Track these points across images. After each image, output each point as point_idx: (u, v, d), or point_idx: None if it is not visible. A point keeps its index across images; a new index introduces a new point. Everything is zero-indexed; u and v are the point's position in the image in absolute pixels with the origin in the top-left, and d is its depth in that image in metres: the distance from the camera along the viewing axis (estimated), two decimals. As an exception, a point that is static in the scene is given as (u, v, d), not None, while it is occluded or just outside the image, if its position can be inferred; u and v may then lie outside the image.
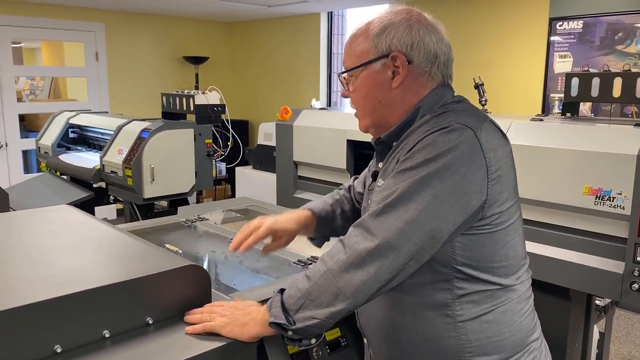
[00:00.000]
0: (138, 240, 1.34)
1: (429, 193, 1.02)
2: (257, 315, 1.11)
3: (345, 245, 1.05)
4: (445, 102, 1.16)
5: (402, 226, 1.01)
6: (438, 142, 1.04)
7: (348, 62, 1.20)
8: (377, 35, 1.15)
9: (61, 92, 7.17)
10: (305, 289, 1.06)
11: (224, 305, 1.16)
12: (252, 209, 2.17)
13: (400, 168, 1.06)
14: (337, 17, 5.94)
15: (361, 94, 1.20)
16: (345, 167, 2.72)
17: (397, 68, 1.15)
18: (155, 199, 3.17)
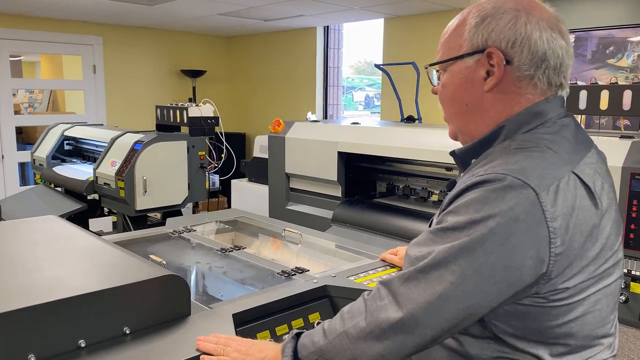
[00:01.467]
0: (120, 250, 1.35)
1: (470, 265, 0.85)
2: (272, 348, 1.06)
3: (367, 308, 0.93)
4: (543, 123, 0.95)
5: (432, 300, 0.86)
6: (489, 200, 0.85)
7: (439, 53, 1.06)
8: (475, 26, 0.98)
9: (60, 105, 7.21)
10: (320, 345, 0.97)
11: (240, 340, 1.10)
12: (241, 221, 2.18)
13: (440, 225, 0.90)
14: (334, 32, 5.99)
15: (448, 92, 1.05)
16: (336, 179, 2.73)
17: (492, 67, 0.96)
18: (147, 210, 3.17)
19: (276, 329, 1.27)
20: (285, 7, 4.63)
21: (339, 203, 2.75)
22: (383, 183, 2.90)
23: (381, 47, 5.34)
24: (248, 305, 1.26)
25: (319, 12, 4.87)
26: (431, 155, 2.34)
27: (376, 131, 2.67)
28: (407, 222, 2.45)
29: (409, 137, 2.48)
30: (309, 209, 2.92)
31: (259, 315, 1.26)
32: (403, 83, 4.50)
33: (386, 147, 2.49)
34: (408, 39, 5.08)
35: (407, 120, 4.17)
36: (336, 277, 1.46)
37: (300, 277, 1.48)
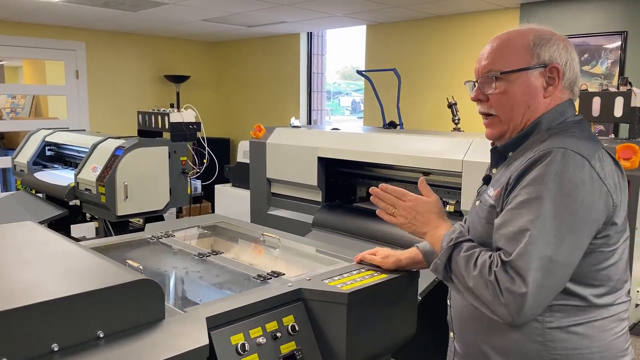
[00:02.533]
0: (95, 255, 1.36)
1: (565, 226, 1.07)
2: (433, 234, 1.30)
3: (500, 282, 1.08)
4: (565, 120, 1.24)
5: (548, 265, 1.07)
6: (558, 170, 1.09)
7: (499, 64, 1.25)
8: (539, 46, 1.23)
9: (42, 110, 7.16)
10: (463, 277, 1.16)
11: (406, 204, 1.35)
12: (220, 226, 2.19)
13: (523, 198, 1.11)
14: (317, 38, 6.04)
15: (511, 97, 1.25)
16: (317, 184, 2.76)
17: (551, 79, 1.23)
18: (128, 216, 3.17)
19: (250, 331, 1.29)
20: (268, 13, 4.67)
21: (319, 208, 2.78)
22: (363, 188, 2.94)
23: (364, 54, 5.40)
24: (222, 309, 1.28)
25: (302, 19, 4.91)
26: (408, 160, 2.38)
27: (355, 137, 2.71)
28: (385, 227, 2.49)
29: (388, 142, 2.52)
30: (290, 214, 2.95)
31: (233, 319, 1.28)
32: (385, 89, 4.55)
33: (365, 152, 2.53)
34: (390, 46, 5.15)
35: (389, 126, 4.21)
36: (311, 281, 1.48)
37: (275, 281, 1.50)
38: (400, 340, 1.61)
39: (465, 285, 1.15)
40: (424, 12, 4.55)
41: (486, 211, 1.24)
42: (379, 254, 1.59)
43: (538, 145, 1.18)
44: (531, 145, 1.21)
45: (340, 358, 1.40)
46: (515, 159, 1.24)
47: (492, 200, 1.22)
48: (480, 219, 1.26)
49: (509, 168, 1.23)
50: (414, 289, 1.63)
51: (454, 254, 1.19)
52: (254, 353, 1.27)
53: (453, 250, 1.20)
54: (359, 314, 1.43)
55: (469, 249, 1.19)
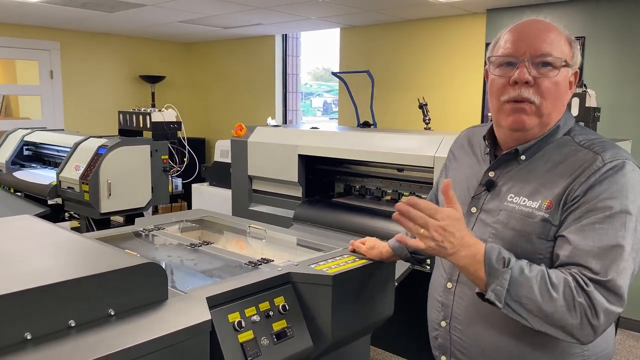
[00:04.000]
0: (101, 243, 1.46)
1: (638, 239, 1.07)
2: (467, 256, 1.09)
3: (596, 304, 1.03)
4: (572, 125, 1.23)
5: (630, 281, 1.07)
6: (631, 185, 1.08)
7: (557, 52, 1.16)
8: (575, 47, 1.21)
9: (13, 110, 7.07)
10: (536, 301, 1.05)
11: (439, 224, 1.08)
12: (207, 219, 2.30)
13: (605, 213, 1.07)
14: (292, 40, 6.16)
15: (559, 90, 1.18)
16: (297, 181, 2.89)
17: (571, 83, 1.21)
18: (111, 213, 3.24)
19: (245, 310, 1.42)
20: (243, 16, 4.77)
21: (300, 203, 2.91)
22: (341, 184, 3.08)
23: (338, 56, 5.55)
24: (220, 290, 1.40)
25: (277, 21, 5.03)
26: (383, 157, 2.53)
27: (334, 135, 2.85)
28: (363, 219, 2.64)
29: (364, 140, 2.67)
30: (271, 209, 3.07)
31: (230, 299, 1.40)
32: (359, 90, 4.70)
33: (343, 149, 2.67)
34: (363, 48, 5.31)
35: (363, 126, 4.37)
36: (298, 266, 1.61)
37: (265, 267, 1.63)
38: (380, 320, 1.75)
39: (533, 311, 1.04)
40: (395, 16, 4.73)
41: (536, 225, 1.14)
42: (367, 244, 1.72)
43: (578, 151, 1.15)
44: (556, 150, 1.18)
45: (326, 335, 1.53)
46: (537, 163, 1.19)
47: (543, 213, 1.13)
48: (524, 234, 1.15)
49: (535, 173, 1.18)
50: (391, 274, 1.78)
51: (516, 277, 1.06)
52: (249, 330, 1.39)
53: (512, 272, 1.07)
54: (343, 295, 1.57)
55: (530, 266, 1.08)
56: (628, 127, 3.76)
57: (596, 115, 2.33)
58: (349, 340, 1.69)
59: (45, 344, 1.10)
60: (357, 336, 1.72)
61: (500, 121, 1.24)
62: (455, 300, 1.29)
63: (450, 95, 4.66)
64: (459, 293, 1.29)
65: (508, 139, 1.26)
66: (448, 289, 1.32)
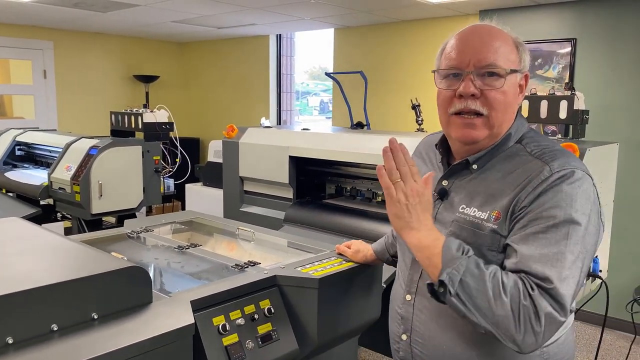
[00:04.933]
0: (86, 246, 1.46)
1: (585, 249, 1.06)
2: (428, 236, 1.09)
3: (539, 309, 1.00)
4: (525, 132, 1.20)
5: (575, 289, 1.04)
6: (577, 194, 1.06)
7: (502, 61, 1.14)
8: (522, 50, 1.18)
9: (6, 109, 7.05)
10: (487, 297, 1.02)
11: (415, 185, 1.10)
12: (196, 221, 2.31)
13: (550, 222, 1.04)
14: (286, 40, 6.16)
15: (506, 99, 1.15)
16: (288, 182, 2.89)
17: (521, 87, 1.19)
18: (103, 214, 3.24)
19: (230, 313, 1.42)
20: (237, 16, 4.77)
21: (291, 204, 2.92)
22: (332, 185, 3.09)
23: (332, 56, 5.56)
24: (205, 293, 1.40)
25: (271, 21, 5.03)
26: (373, 158, 2.53)
27: (324, 137, 2.85)
28: (353, 221, 2.64)
29: (354, 142, 2.68)
30: (262, 211, 3.07)
31: (215, 302, 1.41)
32: (353, 91, 4.71)
33: (333, 151, 2.68)
34: (357, 49, 5.32)
35: (356, 126, 4.38)
36: (285, 268, 1.62)
37: (252, 269, 1.64)
38: (366, 323, 1.76)
39: (481, 306, 1.02)
40: (389, 17, 4.74)
41: (486, 237, 1.12)
42: (352, 248, 1.73)
43: (528, 161, 1.13)
44: (507, 159, 1.16)
45: (312, 337, 1.54)
46: (489, 173, 1.17)
47: (491, 224, 1.12)
48: (474, 245, 1.12)
49: (486, 184, 1.16)
50: (378, 277, 1.79)
51: (472, 267, 1.04)
52: (233, 333, 1.40)
53: (469, 262, 1.05)
54: (329, 298, 1.57)
55: (486, 264, 1.07)
56: (617, 128, 3.77)
57: (585, 117, 2.34)
58: (336, 343, 1.70)
59: (26, 349, 1.10)
60: (343, 339, 1.72)
61: (450, 133, 1.23)
62: (415, 313, 1.27)
63: (443, 96, 4.67)
64: (418, 305, 1.27)
65: (460, 149, 1.25)
66: (407, 301, 1.30)
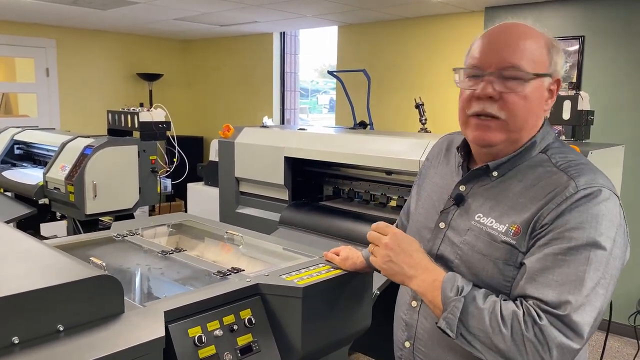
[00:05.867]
0: (57, 252, 1.40)
1: (609, 275, 0.99)
2: (425, 280, 1.07)
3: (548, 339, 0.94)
4: (550, 141, 1.14)
5: (596, 316, 0.98)
6: (603, 216, 0.99)
7: (525, 63, 1.07)
8: (555, 53, 1.10)
9: (13, 107, 7.07)
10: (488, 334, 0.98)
11: (386, 239, 1.13)
12: (186, 224, 2.24)
13: (571, 244, 0.98)
14: (290, 37, 6.10)
15: (529, 104, 1.08)
16: (283, 183, 2.83)
17: (551, 92, 1.12)
18: (97, 215, 3.20)
19: (208, 324, 1.35)
20: (239, 13, 4.71)
21: (286, 206, 2.85)
22: (330, 186, 3.01)
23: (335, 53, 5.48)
24: (180, 303, 1.34)
25: (273, 19, 4.96)
26: (369, 160, 2.46)
27: (321, 137, 2.78)
28: (350, 224, 2.57)
29: (351, 143, 2.60)
30: (258, 212, 3.01)
31: (191, 312, 1.34)
32: (357, 89, 4.64)
33: (329, 152, 2.61)
34: (361, 47, 5.24)
35: (359, 126, 4.30)
36: (269, 276, 1.55)
37: (235, 277, 1.57)
38: (355, 333, 1.69)
39: (486, 343, 0.98)
40: (393, 14, 4.65)
41: (501, 250, 1.07)
42: (341, 255, 1.66)
43: (552, 174, 1.06)
44: (531, 170, 1.09)
45: (296, 349, 1.47)
46: (510, 183, 1.10)
47: (509, 238, 1.06)
48: (491, 259, 1.07)
49: (506, 194, 1.09)
50: (368, 284, 1.71)
51: (469, 307, 1.00)
52: (210, 345, 1.33)
53: (465, 301, 1.01)
54: (314, 307, 1.50)
55: (485, 297, 1.02)
56: (626, 130, 3.66)
57: (589, 118, 2.25)
58: (322, 354, 1.63)
59: (-16, 363, 1.05)
60: (330, 349, 1.65)
61: (467, 134, 1.17)
62: (419, 320, 1.23)
63: (447, 95, 4.58)
64: (423, 312, 1.22)
65: (480, 153, 1.18)
66: (413, 307, 1.26)
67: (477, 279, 1.09)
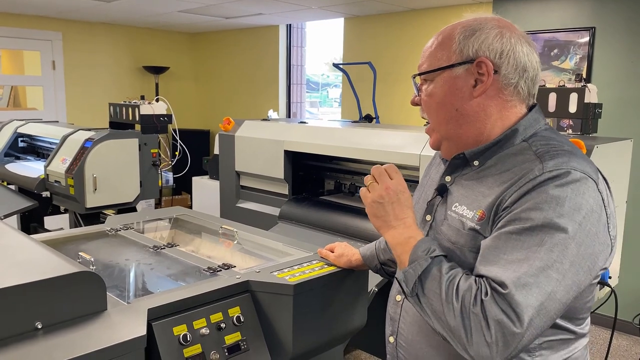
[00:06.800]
0: (41, 247, 1.37)
1: (568, 260, 0.92)
2: (402, 234, 1.07)
3: (489, 315, 0.90)
4: (539, 129, 1.08)
5: (544, 301, 0.91)
6: (567, 198, 0.93)
7: (425, 64, 1.13)
8: (465, 39, 1.07)
9: (21, 101, 7.09)
10: (441, 300, 0.96)
11: (391, 182, 1.11)
12: (182, 218, 2.21)
13: (526, 224, 0.93)
14: (296, 30, 6.03)
15: (436, 100, 1.10)
16: (283, 177, 2.78)
17: (481, 76, 1.06)
18: (98, 208, 3.18)
19: (194, 322, 1.31)
20: (243, 5, 4.66)
21: (286, 201, 2.81)
22: (331, 181, 2.97)
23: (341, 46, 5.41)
24: (165, 300, 1.30)
25: (278, 10, 4.90)
26: (369, 154, 2.41)
27: (322, 131, 2.73)
28: (350, 219, 2.52)
29: (351, 137, 2.55)
30: (258, 207, 2.97)
31: (176, 310, 1.30)
32: (364, 82, 4.57)
33: (328, 146, 2.56)
34: (367, 39, 5.16)
35: (364, 119, 4.24)
36: (260, 273, 1.51)
37: (225, 273, 1.53)
38: (349, 332, 1.64)
39: (436, 310, 0.96)
40: (400, 5, 4.57)
41: (466, 236, 1.04)
42: (336, 251, 1.62)
43: (527, 160, 1.01)
44: (510, 158, 1.04)
45: (286, 348, 1.43)
46: (488, 171, 1.07)
47: (474, 223, 1.03)
48: (457, 246, 1.06)
49: (483, 182, 1.06)
50: (363, 282, 1.66)
51: (432, 269, 0.99)
52: (196, 344, 1.29)
53: (431, 263, 1.00)
54: (305, 305, 1.46)
55: (451, 268, 0.99)
56: (634, 122, 3.56)
57: (597, 111, 2.18)
58: (314, 353, 1.58)
59: (-43, 362, 1.02)
60: (324, 349, 1.61)
61: None
62: (402, 314, 1.21)
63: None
64: (405, 307, 1.20)
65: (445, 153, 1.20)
66: (397, 301, 1.23)
67: None
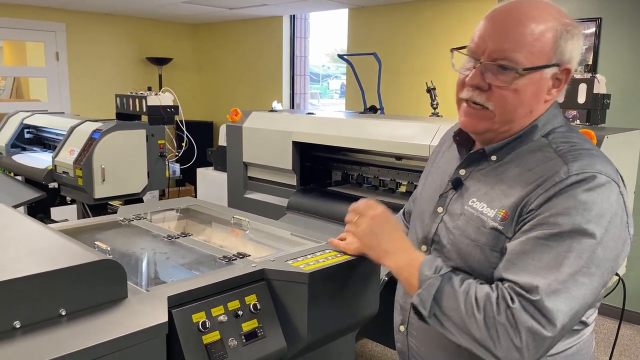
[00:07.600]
0: (60, 236, 1.39)
1: (595, 264, 0.93)
2: (403, 258, 1.09)
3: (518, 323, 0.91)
4: (557, 125, 1.07)
5: (574, 306, 0.92)
6: (594, 203, 0.93)
7: (518, 54, 1.01)
8: (565, 41, 1.02)
9: (24, 92, 7.09)
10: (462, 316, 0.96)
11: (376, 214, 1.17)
12: (192, 209, 2.23)
13: (554, 230, 0.93)
14: (300, 20, 6.02)
15: (520, 98, 1.03)
16: (291, 168, 2.80)
17: (557, 81, 1.04)
18: (106, 199, 3.20)
19: (212, 310, 1.34)
20: (248, -4, 4.65)
21: (294, 191, 2.83)
22: (338, 172, 2.98)
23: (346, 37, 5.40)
24: (184, 288, 1.32)
25: (282, 1, 4.89)
26: (379, 145, 2.42)
27: (329, 122, 2.74)
28: (358, 210, 2.54)
29: (360, 127, 2.56)
30: (266, 197, 2.99)
31: (195, 298, 1.32)
32: (368, 73, 4.57)
33: (337, 137, 2.57)
34: (372, 30, 5.16)
35: (369, 110, 4.25)
36: (275, 262, 1.53)
37: (240, 262, 1.55)
38: (362, 319, 1.66)
39: (459, 325, 0.96)
40: (404, -4, 4.56)
41: (488, 235, 1.04)
42: (348, 239, 1.64)
43: (549, 159, 1.01)
44: (530, 154, 1.04)
45: (301, 335, 1.45)
46: (507, 167, 1.06)
47: (496, 223, 1.03)
48: (478, 244, 1.05)
49: (502, 179, 1.05)
50: (375, 270, 1.68)
51: (445, 286, 0.99)
52: (215, 330, 1.32)
53: (442, 281, 1.00)
54: (320, 293, 1.48)
55: (462, 280, 1.00)
56: (639, 113, 3.57)
57: (605, 102, 2.19)
58: (328, 340, 1.61)
59: (-15, 347, 1.04)
60: (337, 336, 1.63)
61: (459, 118, 1.16)
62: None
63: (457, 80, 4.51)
64: None
65: (477, 137, 1.16)
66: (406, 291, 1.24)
67: (466, 265, 1.08)
